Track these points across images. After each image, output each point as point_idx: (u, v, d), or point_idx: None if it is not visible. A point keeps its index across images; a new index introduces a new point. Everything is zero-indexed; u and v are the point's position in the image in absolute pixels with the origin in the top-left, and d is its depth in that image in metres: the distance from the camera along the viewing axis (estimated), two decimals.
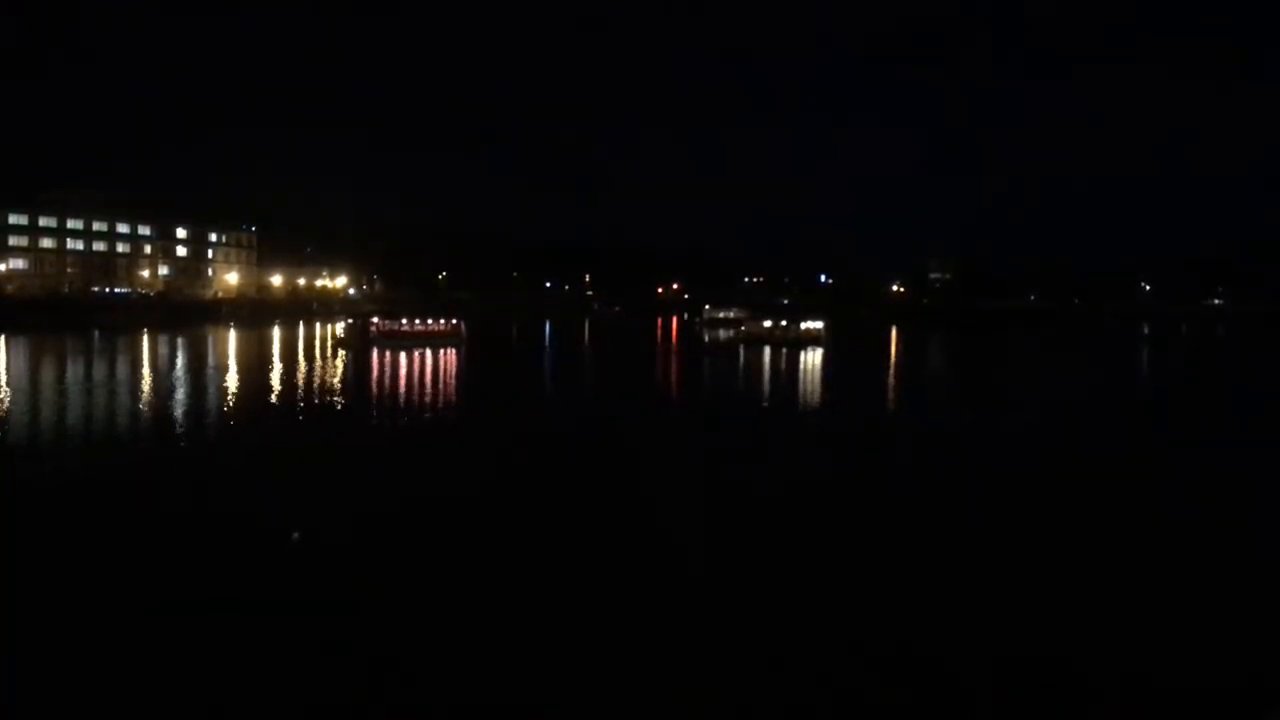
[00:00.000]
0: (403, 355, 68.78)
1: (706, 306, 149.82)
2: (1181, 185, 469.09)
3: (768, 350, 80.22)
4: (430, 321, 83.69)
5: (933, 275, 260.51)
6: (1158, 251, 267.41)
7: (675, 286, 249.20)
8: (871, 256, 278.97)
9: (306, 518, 21.57)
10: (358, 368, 60.07)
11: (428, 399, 46.04)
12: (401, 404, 43.62)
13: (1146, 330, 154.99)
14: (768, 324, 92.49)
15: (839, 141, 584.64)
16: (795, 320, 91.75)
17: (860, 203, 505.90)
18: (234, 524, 20.80)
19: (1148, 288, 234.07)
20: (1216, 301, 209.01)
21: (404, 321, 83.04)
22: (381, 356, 67.59)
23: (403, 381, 53.27)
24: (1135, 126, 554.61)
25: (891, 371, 71.51)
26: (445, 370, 61.20)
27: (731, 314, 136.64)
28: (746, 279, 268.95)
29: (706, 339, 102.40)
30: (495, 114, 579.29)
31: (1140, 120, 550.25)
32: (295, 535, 20.16)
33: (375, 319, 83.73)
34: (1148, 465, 30.95)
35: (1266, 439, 38.07)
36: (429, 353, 71.78)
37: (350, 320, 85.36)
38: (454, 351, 74.39)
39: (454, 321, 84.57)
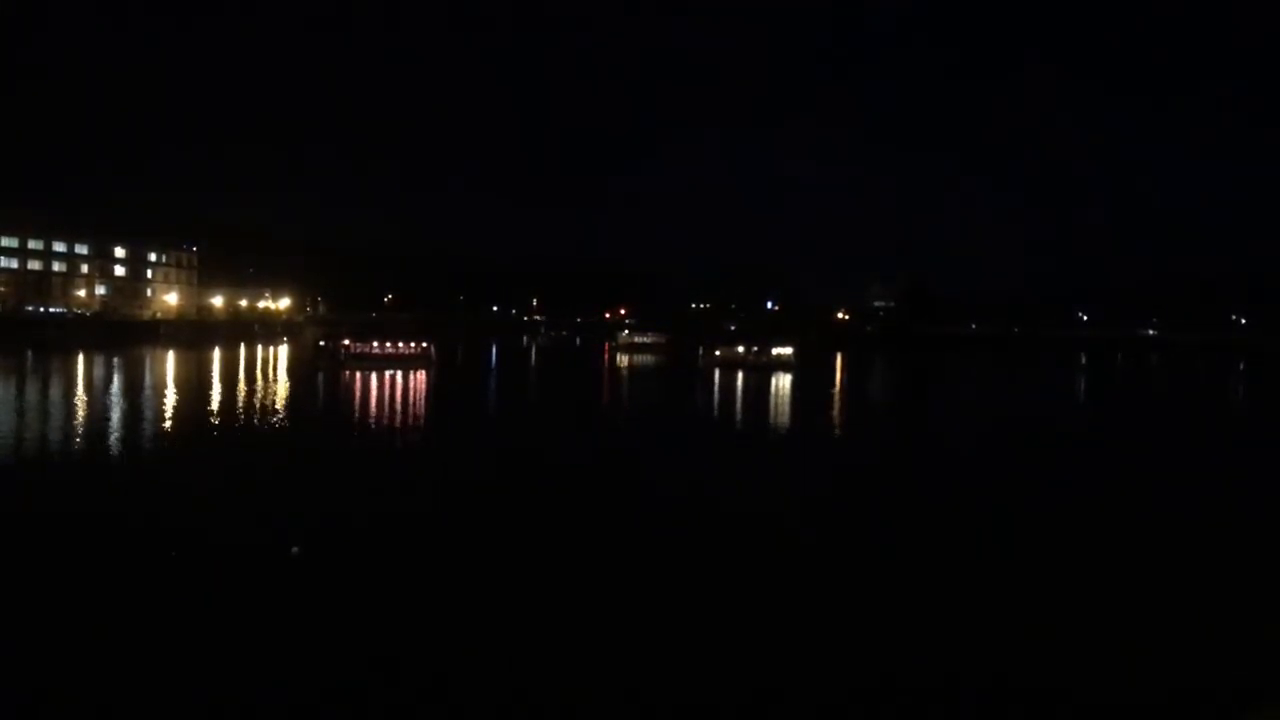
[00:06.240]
0: (376, 376, 68.49)
1: (624, 332, 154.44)
2: (1120, 217, 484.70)
3: (740, 374, 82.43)
4: (401, 345, 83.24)
5: (876, 303, 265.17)
6: (1095, 282, 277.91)
7: (622, 312, 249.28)
8: (818, 282, 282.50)
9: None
10: (346, 390, 59.27)
11: (419, 418, 45.60)
12: (421, 423, 42.93)
13: (1083, 359, 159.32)
14: (740, 349, 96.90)
15: (790, 168, 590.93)
16: (766, 347, 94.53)
17: (808, 229, 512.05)
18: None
19: (1084, 317, 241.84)
20: (1151, 331, 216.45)
21: (375, 344, 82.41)
22: (357, 379, 66.87)
23: (398, 403, 52.56)
24: (1080, 158, 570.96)
25: (837, 393, 72.71)
26: (419, 392, 61.13)
27: (649, 339, 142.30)
28: (694, 304, 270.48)
29: (624, 363, 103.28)
30: (446, 134, 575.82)
31: (1085, 152, 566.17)
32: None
33: (346, 341, 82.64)
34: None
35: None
36: (400, 375, 71.44)
37: (321, 343, 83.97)
38: (424, 373, 74.13)
39: (424, 345, 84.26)
